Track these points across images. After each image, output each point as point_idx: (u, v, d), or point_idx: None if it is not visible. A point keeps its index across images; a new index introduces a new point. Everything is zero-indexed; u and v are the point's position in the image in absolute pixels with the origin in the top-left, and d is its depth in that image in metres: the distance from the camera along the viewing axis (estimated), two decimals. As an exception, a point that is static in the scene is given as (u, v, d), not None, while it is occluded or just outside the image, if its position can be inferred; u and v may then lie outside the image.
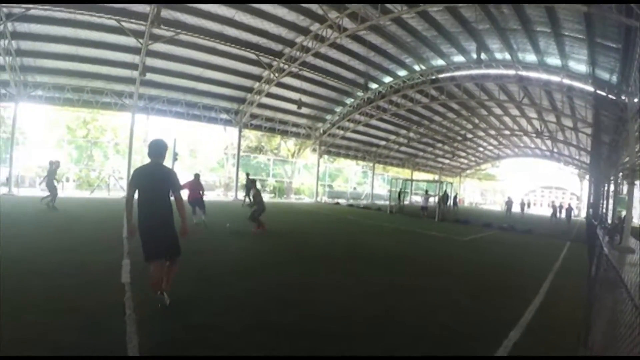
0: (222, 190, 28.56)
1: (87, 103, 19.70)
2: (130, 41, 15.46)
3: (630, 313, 2.29)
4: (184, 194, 10.79)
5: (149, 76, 17.68)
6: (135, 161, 25.48)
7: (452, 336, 3.96)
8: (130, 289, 4.47)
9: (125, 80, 18.85)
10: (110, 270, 5.21)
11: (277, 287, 5.22)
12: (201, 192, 10.87)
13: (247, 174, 19.18)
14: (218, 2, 14.11)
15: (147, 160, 3.93)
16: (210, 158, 36.64)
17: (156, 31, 14.89)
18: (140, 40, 15.27)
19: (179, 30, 15.49)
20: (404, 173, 43.67)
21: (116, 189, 21.13)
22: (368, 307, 4.70)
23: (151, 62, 17.38)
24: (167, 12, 14.42)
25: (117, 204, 14.69)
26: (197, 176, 11.06)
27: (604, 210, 11.11)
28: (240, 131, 25.11)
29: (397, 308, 4.78)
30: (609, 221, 13.78)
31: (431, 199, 22.61)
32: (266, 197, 17.99)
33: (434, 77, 21.70)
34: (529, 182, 71.68)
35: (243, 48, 17.43)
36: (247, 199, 17.13)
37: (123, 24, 14.54)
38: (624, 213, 11.20)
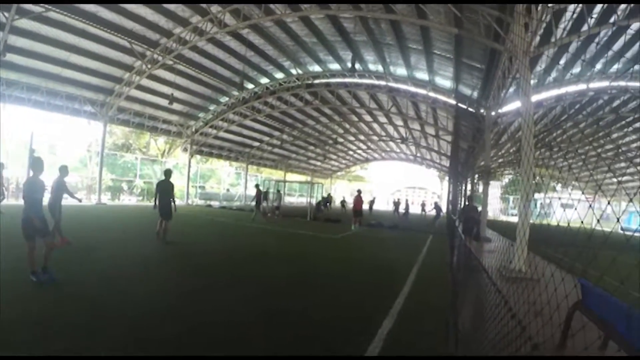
0: (85, 192, 24.85)
1: None
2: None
3: (493, 294, 2.56)
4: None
5: (9, 57, 15.02)
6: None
7: (329, 333, 3.99)
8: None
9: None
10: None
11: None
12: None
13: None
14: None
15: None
16: (72, 156, 31.52)
17: (25, 6, 12.83)
18: (6, 14, 12.84)
19: (49, 7, 13.25)
20: (278, 174, 44.31)
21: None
22: (244, 310, 4.47)
23: (14, 40, 14.65)
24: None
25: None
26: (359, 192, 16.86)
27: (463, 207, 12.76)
28: (105, 126, 22.30)
29: (280, 309, 4.66)
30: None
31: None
32: (133, 200, 16.32)
33: (309, 82, 22.29)
34: (394, 183, 78.84)
35: (116, 33, 15.54)
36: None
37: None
38: (480, 208, 12.95)
